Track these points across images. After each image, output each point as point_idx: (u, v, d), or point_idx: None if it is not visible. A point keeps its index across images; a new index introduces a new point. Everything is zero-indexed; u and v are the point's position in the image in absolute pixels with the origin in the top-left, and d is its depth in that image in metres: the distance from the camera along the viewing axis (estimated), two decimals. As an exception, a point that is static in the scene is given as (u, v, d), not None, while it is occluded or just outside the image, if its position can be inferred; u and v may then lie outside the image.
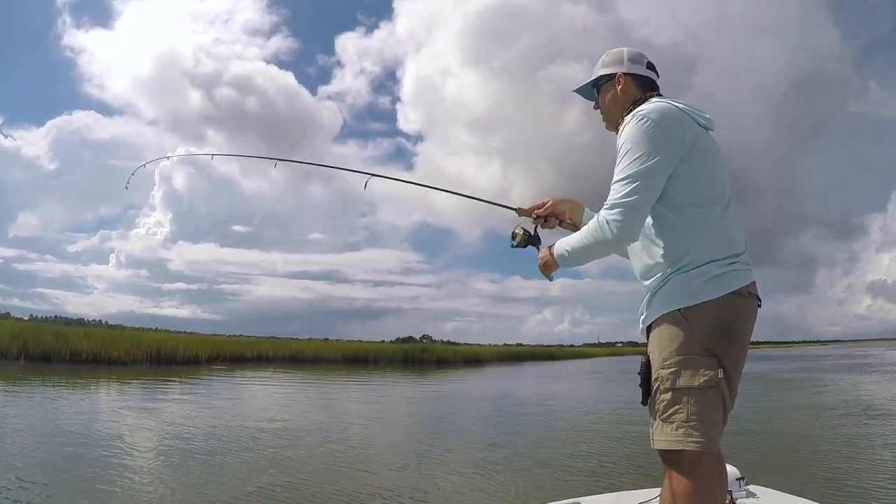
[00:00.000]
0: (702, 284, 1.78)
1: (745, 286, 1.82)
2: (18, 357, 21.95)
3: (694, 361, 1.75)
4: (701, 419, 1.72)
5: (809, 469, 6.55)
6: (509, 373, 34.14)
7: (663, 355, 1.81)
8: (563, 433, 10.05)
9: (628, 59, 2.09)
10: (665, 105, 1.88)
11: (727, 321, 1.78)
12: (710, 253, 1.81)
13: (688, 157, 1.82)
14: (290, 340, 43.07)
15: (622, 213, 1.79)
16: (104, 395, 14.89)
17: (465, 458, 7.46)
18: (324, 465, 6.85)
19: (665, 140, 1.79)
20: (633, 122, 1.85)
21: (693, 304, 1.78)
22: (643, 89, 2.06)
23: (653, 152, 1.78)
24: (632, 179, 1.80)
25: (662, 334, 1.83)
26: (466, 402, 16.49)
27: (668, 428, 1.76)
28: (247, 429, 9.41)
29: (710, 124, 1.95)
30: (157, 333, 36.18)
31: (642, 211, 1.82)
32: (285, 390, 18.56)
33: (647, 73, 2.09)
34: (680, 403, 1.75)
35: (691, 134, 1.84)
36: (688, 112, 1.89)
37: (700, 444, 1.71)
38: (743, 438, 8.30)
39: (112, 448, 7.33)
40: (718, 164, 1.91)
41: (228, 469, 6.44)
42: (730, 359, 1.78)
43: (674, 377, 1.77)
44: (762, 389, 17.69)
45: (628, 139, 1.84)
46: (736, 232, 1.88)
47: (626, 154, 1.83)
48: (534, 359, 58.21)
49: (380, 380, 24.12)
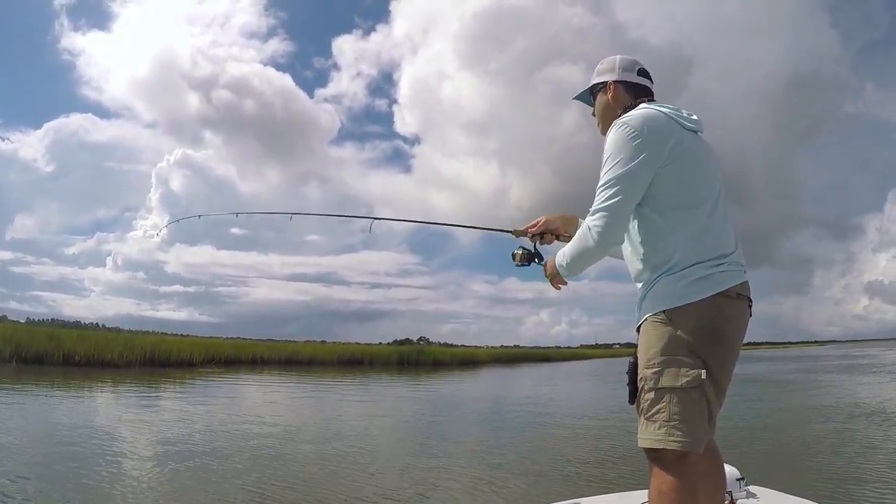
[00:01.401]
0: (687, 286, 1.81)
1: (732, 287, 1.83)
2: (10, 359, 21.86)
3: (677, 362, 1.78)
4: (683, 419, 1.75)
5: (809, 469, 6.53)
6: (505, 375, 34.05)
7: (648, 355, 1.84)
8: (558, 434, 9.97)
9: (619, 67, 2.15)
10: (648, 111, 1.92)
11: (713, 322, 1.79)
12: (697, 254, 1.82)
13: (669, 161, 1.84)
14: (285, 343, 43.02)
15: (603, 217, 1.86)
16: (96, 397, 14.83)
17: (460, 461, 7.40)
18: (310, 468, 6.79)
19: (644, 144, 1.83)
20: (615, 130, 1.90)
21: (678, 305, 1.81)
22: (634, 96, 2.10)
23: (631, 157, 1.83)
24: (612, 184, 1.85)
25: (648, 335, 1.87)
26: (460, 404, 16.40)
27: (651, 427, 1.79)
28: (238, 431, 9.34)
29: (699, 126, 1.97)
30: (150, 336, 35.98)
31: (622, 214, 1.86)
32: (278, 393, 18.49)
33: (639, 79, 2.13)
34: (662, 403, 1.78)
35: (674, 138, 1.86)
36: (673, 116, 1.92)
37: (681, 443, 1.74)
38: (743, 439, 8.28)
39: (103, 450, 7.29)
40: (707, 166, 1.92)
41: (220, 472, 6.36)
42: (715, 360, 1.79)
43: (657, 377, 1.80)
44: (760, 390, 17.64)
45: (609, 146, 1.89)
46: (724, 233, 1.90)
47: (607, 160, 1.88)
48: (530, 360, 58.09)
49: (373, 382, 24.00)
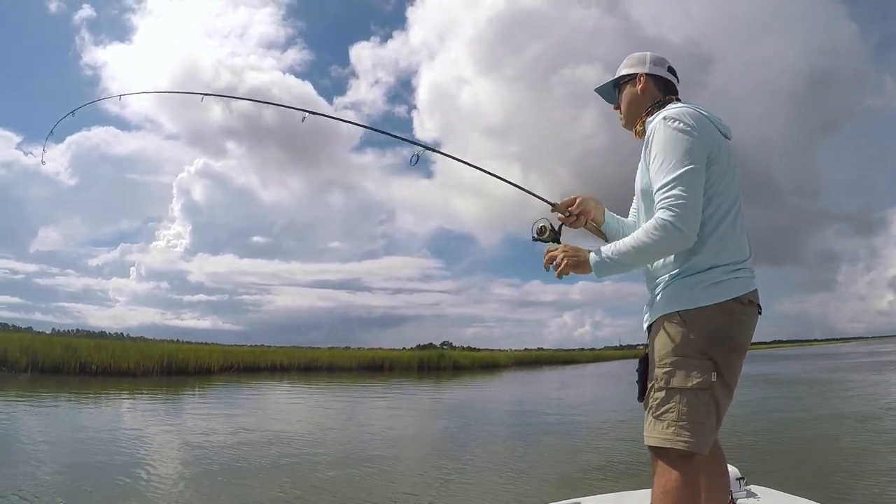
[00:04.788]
0: (703, 289, 1.82)
1: (746, 294, 1.85)
2: (26, 369, 21.70)
3: (688, 363, 1.79)
4: (691, 420, 1.76)
5: (810, 469, 6.43)
6: (525, 378, 33.92)
7: (659, 355, 1.85)
8: (570, 435, 9.93)
9: (651, 61, 2.14)
10: (692, 111, 1.90)
11: (725, 327, 1.81)
12: (715, 259, 1.84)
13: (712, 162, 1.85)
14: (305, 349, 42.59)
15: (680, 214, 1.76)
16: (112, 405, 14.57)
17: (466, 462, 7.32)
18: (330, 474, 6.61)
19: (700, 142, 1.82)
20: (666, 126, 1.86)
21: (692, 307, 1.82)
22: (663, 92, 2.11)
23: (691, 154, 1.80)
24: (678, 181, 1.78)
25: (660, 335, 1.87)
26: (478, 407, 16.20)
27: (659, 426, 1.80)
28: (257, 438, 9.19)
29: (729, 132, 1.99)
30: (167, 344, 35.87)
31: (698, 210, 1.80)
32: (295, 399, 18.26)
33: (668, 76, 2.14)
34: (671, 403, 1.79)
35: (715, 143, 1.88)
36: (711, 119, 1.93)
37: (688, 444, 1.75)
38: (744, 438, 8.25)
39: (121, 459, 7.19)
40: (733, 173, 1.92)
41: (237, 479, 6.25)
42: (726, 363, 1.81)
43: (667, 377, 1.81)
44: (785, 391, 17.36)
45: (664, 143, 1.84)
46: (743, 239, 1.92)
47: (665, 158, 1.82)
48: (553, 363, 58.05)
49: (392, 388, 23.66)
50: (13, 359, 21.88)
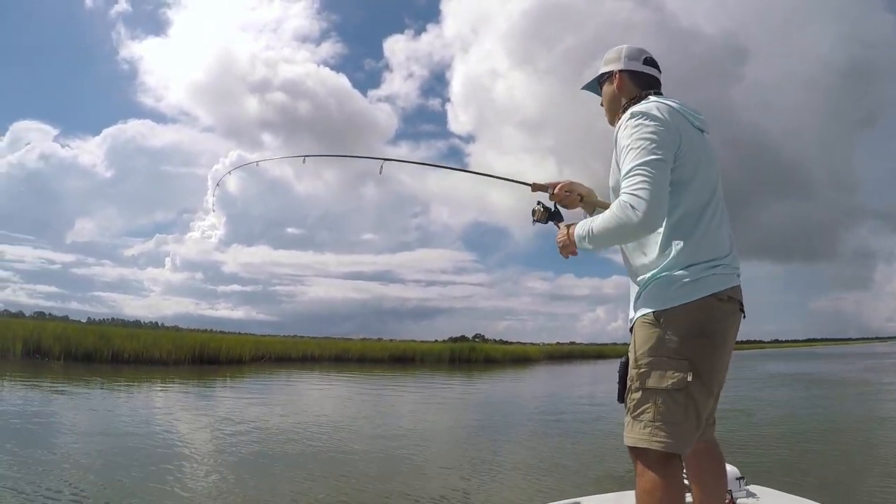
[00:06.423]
0: (679, 288, 1.79)
1: (724, 290, 1.81)
2: (59, 357, 21.53)
3: (663, 363, 1.77)
4: (667, 420, 1.74)
5: (810, 469, 6.38)
6: (557, 371, 33.69)
7: (636, 356, 1.84)
8: (578, 432, 9.64)
9: (625, 56, 2.09)
10: (659, 104, 1.87)
11: (701, 324, 1.78)
12: (692, 256, 1.80)
13: (683, 155, 1.81)
14: (337, 340, 42.30)
15: (643, 198, 1.71)
16: (143, 393, 14.27)
17: (471, 460, 7.17)
18: (357, 465, 6.64)
19: (666, 134, 1.78)
20: (630, 121, 1.83)
21: (668, 307, 1.79)
22: (641, 86, 2.05)
23: (655, 144, 1.76)
24: (641, 168, 1.74)
25: (638, 335, 1.86)
26: (510, 401, 16.03)
27: (636, 426, 1.78)
28: (290, 427, 9.13)
29: (705, 126, 1.95)
30: (199, 334, 35.79)
31: (660, 197, 1.73)
32: (326, 390, 18.02)
33: (645, 69, 2.07)
34: (648, 403, 1.77)
35: (685, 134, 1.83)
36: (682, 112, 1.89)
37: (665, 444, 1.73)
38: (744, 438, 8.17)
39: (155, 447, 7.14)
40: (709, 167, 1.89)
41: (268, 468, 6.27)
42: (704, 362, 1.77)
43: (643, 378, 1.80)
44: (825, 390, 17.01)
45: (627, 136, 1.81)
46: (720, 235, 1.88)
47: (630, 150, 1.78)
48: (584, 357, 57.29)
49: (423, 380, 23.23)
50: (47, 346, 21.77)
